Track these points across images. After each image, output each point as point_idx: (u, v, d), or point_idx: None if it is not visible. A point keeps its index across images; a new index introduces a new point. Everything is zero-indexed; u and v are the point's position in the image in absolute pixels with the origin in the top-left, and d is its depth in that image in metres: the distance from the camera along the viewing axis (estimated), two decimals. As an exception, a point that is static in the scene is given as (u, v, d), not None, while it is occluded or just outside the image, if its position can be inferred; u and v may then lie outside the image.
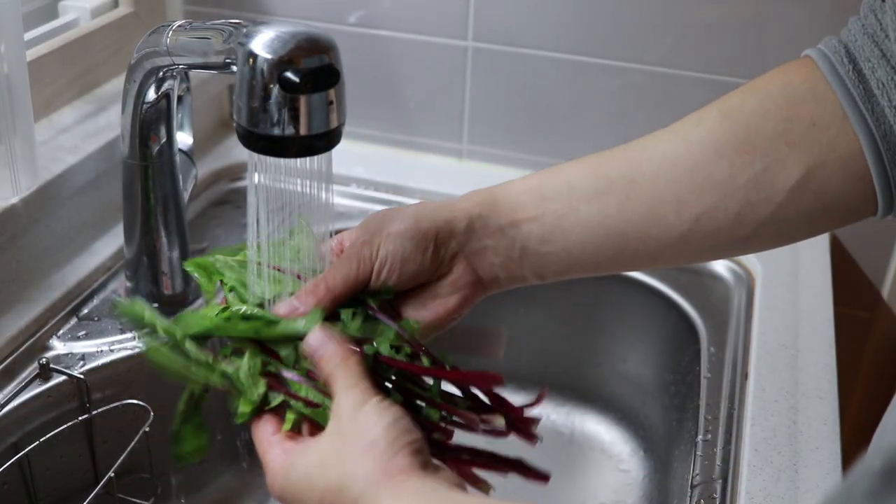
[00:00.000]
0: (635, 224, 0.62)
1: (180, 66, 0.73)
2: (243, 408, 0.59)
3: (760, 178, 0.59)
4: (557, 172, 0.65)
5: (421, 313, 0.65)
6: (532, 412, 0.62)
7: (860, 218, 0.61)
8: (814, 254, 0.97)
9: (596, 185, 0.63)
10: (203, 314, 0.62)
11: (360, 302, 0.63)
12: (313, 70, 0.57)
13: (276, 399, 0.58)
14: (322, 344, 0.58)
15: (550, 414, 1.06)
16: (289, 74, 0.57)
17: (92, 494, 0.75)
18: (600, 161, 0.64)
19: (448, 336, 0.66)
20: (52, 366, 0.78)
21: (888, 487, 0.29)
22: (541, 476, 0.60)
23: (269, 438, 0.58)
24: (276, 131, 0.58)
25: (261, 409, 0.59)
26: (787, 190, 0.59)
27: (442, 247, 0.64)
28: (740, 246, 0.63)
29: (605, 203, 0.62)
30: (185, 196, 0.86)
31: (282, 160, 0.60)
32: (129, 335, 0.83)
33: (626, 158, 0.63)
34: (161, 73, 0.75)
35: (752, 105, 0.61)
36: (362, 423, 0.54)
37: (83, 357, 0.81)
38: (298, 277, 0.64)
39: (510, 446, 0.61)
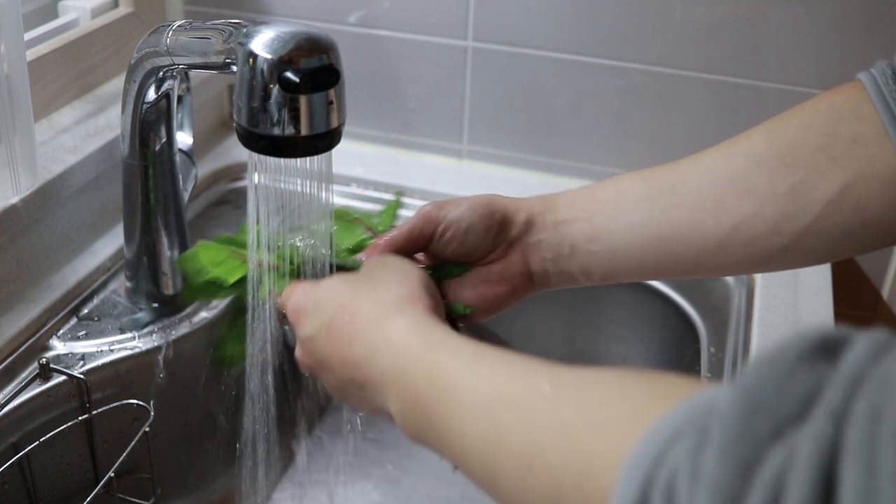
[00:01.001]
0: (677, 228, 0.64)
1: (180, 66, 0.73)
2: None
3: (799, 190, 0.61)
4: (612, 181, 0.69)
5: (470, 293, 0.68)
6: None
7: None
8: (814, 254, 0.97)
9: (644, 192, 0.66)
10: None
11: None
12: (313, 70, 0.57)
13: None
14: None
15: (550, 414, 1.06)
16: (289, 74, 0.57)
17: (92, 494, 0.75)
18: (651, 172, 0.67)
19: None
20: (52, 366, 0.78)
21: (817, 353, 0.31)
22: None
23: (299, 284, 0.63)
24: (276, 131, 0.58)
25: None
26: (824, 202, 0.60)
27: (503, 231, 0.67)
28: (778, 257, 0.64)
29: (651, 208, 0.65)
30: (185, 196, 0.86)
31: (282, 160, 0.60)
32: (129, 335, 0.84)
33: (674, 170, 0.67)
34: (161, 73, 0.75)
35: (797, 122, 0.63)
36: (402, 267, 0.62)
37: (83, 357, 0.81)
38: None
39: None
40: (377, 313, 0.56)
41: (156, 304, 0.86)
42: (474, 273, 0.68)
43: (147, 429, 0.78)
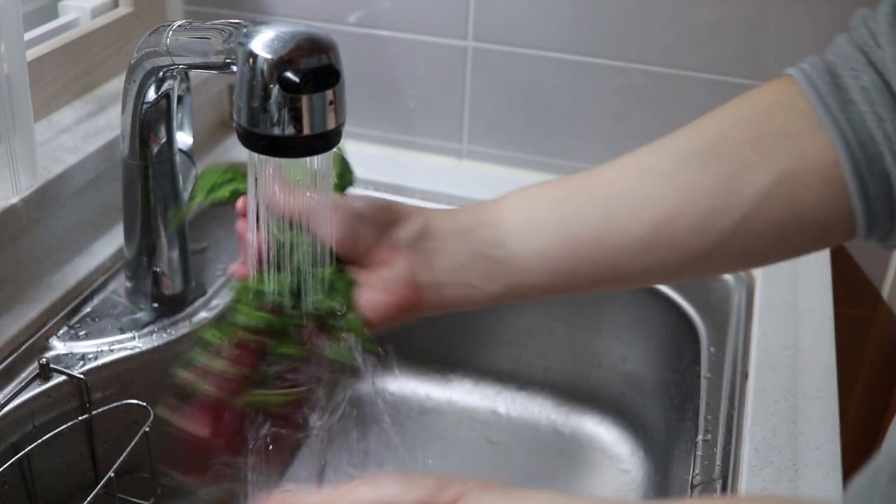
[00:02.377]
0: (591, 228, 0.60)
1: (180, 66, 0.73)
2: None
3: (726, 186, 0.57)
4: (524, 188, 0.64)
5: (361, 301, 0.62)
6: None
7: (840, 238, 0.59)
8: (814, 254, 0.97)
9: (557, 193, 0.62)
10: None
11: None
12: (313, 70, 0.57)
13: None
14: None
15: (550, 414, 1.06)
16: (289, 74, 0.57)
17: (92, 494, 0.75)
18: (568, 177, 0.63)
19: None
20: (52, 366, 0.78)
21: None
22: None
23: None
24: (277, 131, 0.58)
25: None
26: (754, 198, 0.56)
27: (394, 228, 0.62)
28: (702, 260, 0.60)
29: (562, 208, 0.61)
30: (186, 196, 0.86)
31: (282, 160, 0.60)
32: (129, 335, 0.84)
33: (592, 172, 0.63)
34: (161, 73, 0.75)
35: (722, 118, 0.60)
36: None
37: (83, 357, 0.81)
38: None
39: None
40: None
41: (156, 304, 0.86)
42: (364, 278, 0.63)
43: (147, 429, 0.78)
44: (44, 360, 0.78)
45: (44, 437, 0.75)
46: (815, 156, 0.56)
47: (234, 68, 0.60)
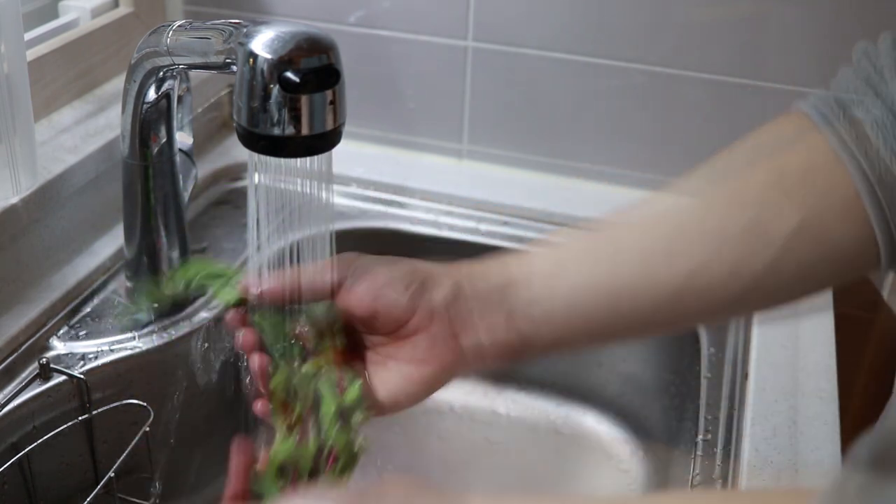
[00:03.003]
0: (626, 280, 0.60)
1: (180, 66, 0.73)
2: None
3: (754, 228, 0.57)
4: (547, 242, 0.64)
5: (393, 376, 0.61)
6: None
7: (866, 269, 0.59)
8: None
9: (584, 246, 0.62)
10: None
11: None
12: (313, 70, 0.57)
13: None
14: None
15: (550, 414, 1.06)
16: (289, 74, 0.57)
17: (92, 494, 0.75)
18: (589, 227, 0.63)
19: None
20: (52, 366, 0.78)
21: (878, 479, 0.29)
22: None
23: None
24: (277, 131, 0.58)
25: None
26: (783, 238, 0.57)
27: (427, 293, 0.60)
28: (738, 304, 0.60)
29: (595, 262, 0.60)
30: (186, 196, 0.86)
31: (282, 160, 0.60)
32: (129, 335, 0.84)
33: (616, 221, 0.62)
34: (161, 73, 0.75)
35: (742, 157, 0.60)
36: None
37: (83, 357, 0.81)
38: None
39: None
40: None
41: (156, 304, 0.86)
42: (398, 352, 0.61)
43: (147, 429, 0.78)
44: (44, 359, 0.78)
45: (44, 437, 0.75)
46: (836, 190, 0.56)
47: (235, 68, 0.60)
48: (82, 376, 0.78)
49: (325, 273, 0.61)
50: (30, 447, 0.75)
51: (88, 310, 0.86)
